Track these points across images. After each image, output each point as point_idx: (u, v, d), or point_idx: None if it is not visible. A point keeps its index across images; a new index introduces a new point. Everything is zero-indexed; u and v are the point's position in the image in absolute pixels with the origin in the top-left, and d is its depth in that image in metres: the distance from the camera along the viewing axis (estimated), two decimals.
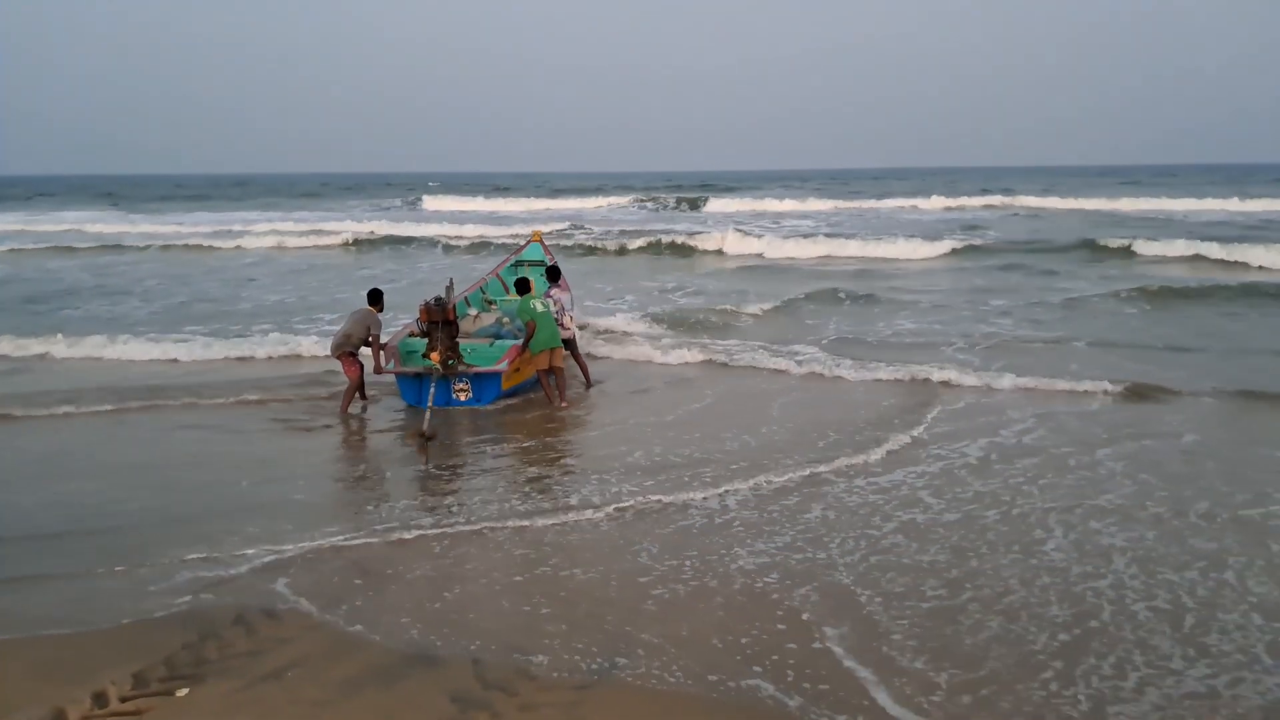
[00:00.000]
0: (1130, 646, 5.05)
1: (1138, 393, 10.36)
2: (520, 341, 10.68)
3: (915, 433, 9.04)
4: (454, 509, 7.31)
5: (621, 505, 7.26)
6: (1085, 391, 10.49)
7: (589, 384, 11.38)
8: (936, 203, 49.56)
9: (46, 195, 76.33)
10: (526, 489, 7.84)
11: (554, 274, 12.16)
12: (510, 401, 10.76)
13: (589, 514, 7.13)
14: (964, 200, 50.91)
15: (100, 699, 4.61)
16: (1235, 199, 45.67)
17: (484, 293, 13.92)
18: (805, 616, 5.43)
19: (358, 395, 10.27)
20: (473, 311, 12.57)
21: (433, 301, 10.20)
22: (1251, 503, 7.12)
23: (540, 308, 10.46)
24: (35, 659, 5.03)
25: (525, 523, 6.97)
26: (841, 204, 51.55)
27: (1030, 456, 8.31)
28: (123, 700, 4.61)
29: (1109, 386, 10.50)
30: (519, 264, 15.42)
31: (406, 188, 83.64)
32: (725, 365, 12.30)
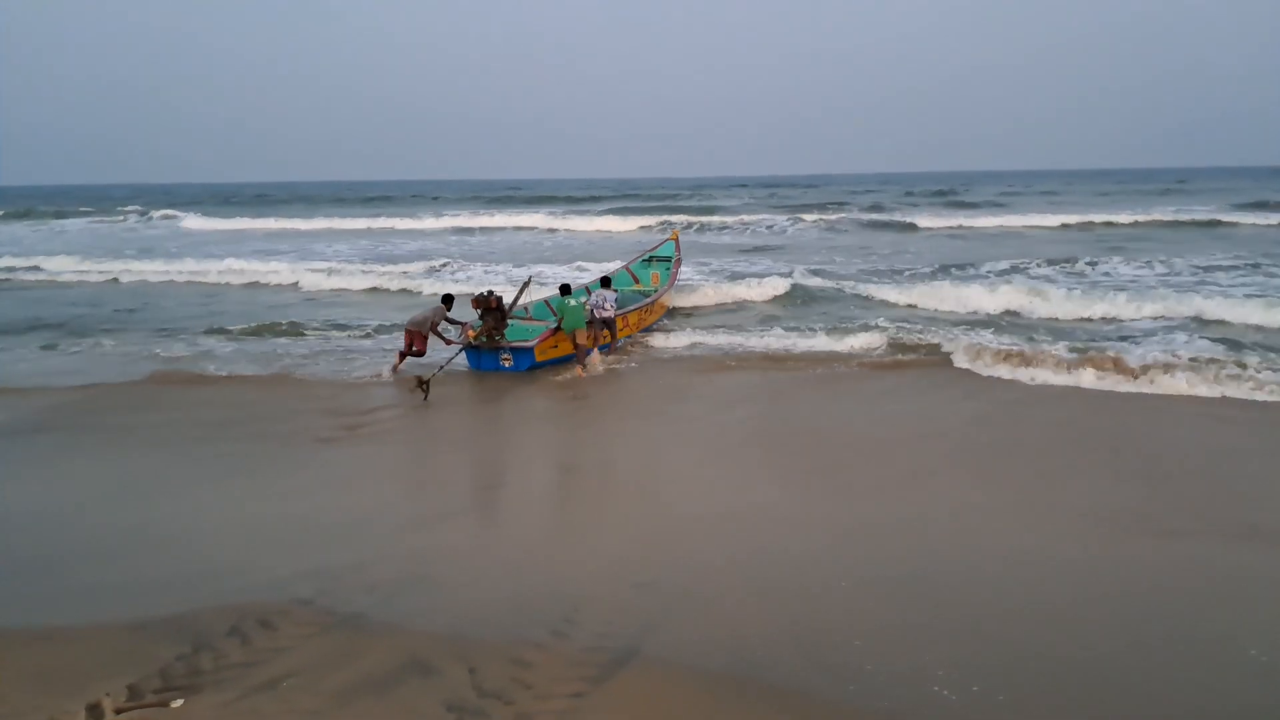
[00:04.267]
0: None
1: None
2: (555, 324, 13.37)
3: None
4: (448, 503, 7.28)
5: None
6: None
7: (584, 364, 12.82)
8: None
9: None
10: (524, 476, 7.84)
11: (605, 281, 14.76)
12: (546, 371, 12.94)
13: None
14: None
15: (94, 710, 4.59)
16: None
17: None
18: None
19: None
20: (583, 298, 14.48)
21: (480, 294, 13.15)
22: None
23: (573, 302, 13.17)
24: (28, 667, 5.01)
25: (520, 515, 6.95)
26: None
27: None
28: (117, 712, 4.59)
29: None
30: (651, 259, 17.95)
31: (227, 198, 68.51)
32: None
